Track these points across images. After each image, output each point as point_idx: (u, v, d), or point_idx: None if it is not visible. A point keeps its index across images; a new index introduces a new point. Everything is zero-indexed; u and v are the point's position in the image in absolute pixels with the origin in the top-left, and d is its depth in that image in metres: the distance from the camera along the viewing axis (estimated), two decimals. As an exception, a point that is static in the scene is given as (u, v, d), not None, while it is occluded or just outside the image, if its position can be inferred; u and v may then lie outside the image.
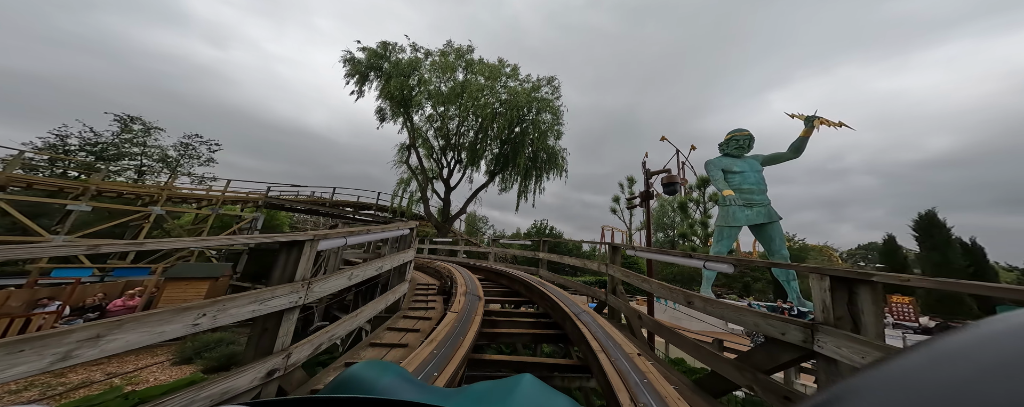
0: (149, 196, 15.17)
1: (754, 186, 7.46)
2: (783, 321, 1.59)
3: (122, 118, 22.63)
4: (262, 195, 18.90)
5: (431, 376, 1.66)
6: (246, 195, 18.33)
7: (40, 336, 0.96)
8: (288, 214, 27.10)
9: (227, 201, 17.17)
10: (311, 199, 22.13)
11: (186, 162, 25.18)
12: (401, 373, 0.47)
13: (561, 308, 3.17)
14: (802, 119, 7.36)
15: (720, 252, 7.31)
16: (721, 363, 2.07)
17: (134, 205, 14.65)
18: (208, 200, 16.66)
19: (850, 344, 1.28)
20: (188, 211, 15.89)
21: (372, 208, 21.94)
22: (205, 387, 1.38)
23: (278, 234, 1.88)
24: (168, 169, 23.69)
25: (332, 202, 20.91)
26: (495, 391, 0.42)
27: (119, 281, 11.58)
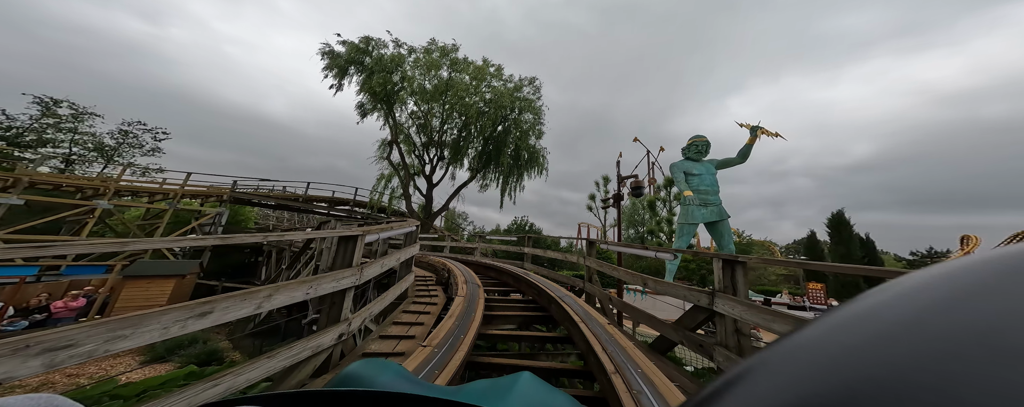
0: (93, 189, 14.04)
1: (709, 187, 8.69)
2: (698, 292, 2.42)
3: (43, 100, 20.17)
4: (227, 189, 18.04)
5: (458, 339, 2.30)
6: (207, 189, 17.39)
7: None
8: (253, 210, 25.87)
9: (186, 195, 16.20)
10: (282, 194, 21.43)
11: (127, 151, 23.10)
12: (400, 371, 0.48)
13: (547, 293, 3.91)
14: (748, 128, 8.67)
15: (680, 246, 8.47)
16: (664, 328, 2.90)
17: (74, 198, 13.52)
18: (163, 194, 15.63)
19: (731, 303, 2.11)
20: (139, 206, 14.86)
21: (349, 204, 21.64)
22: (298, 345, 1.93)
23: (343, 229, 2.42)
24: (103, 158, 21.64)
25: (305, 197, 20.42)
26: (494, 389, 0.43)
27: (63, 281, 10.88)
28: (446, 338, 2.27)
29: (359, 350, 2.46)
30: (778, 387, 0.12)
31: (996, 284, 0.12)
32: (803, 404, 0.10)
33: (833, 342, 0.12)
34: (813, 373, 0.11)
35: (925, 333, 0.11)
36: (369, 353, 2.39)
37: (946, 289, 0.13)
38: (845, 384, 0.10)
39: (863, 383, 0.10)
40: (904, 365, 0.10)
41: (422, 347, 2.07)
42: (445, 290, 4.67)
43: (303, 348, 1.92)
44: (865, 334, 0.12)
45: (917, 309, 0.12)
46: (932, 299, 0.12)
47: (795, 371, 0.12)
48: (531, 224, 22.21)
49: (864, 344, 0.12)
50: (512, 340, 3.35)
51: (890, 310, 0.13)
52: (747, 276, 2.21)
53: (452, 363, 1.88)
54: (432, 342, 2.16)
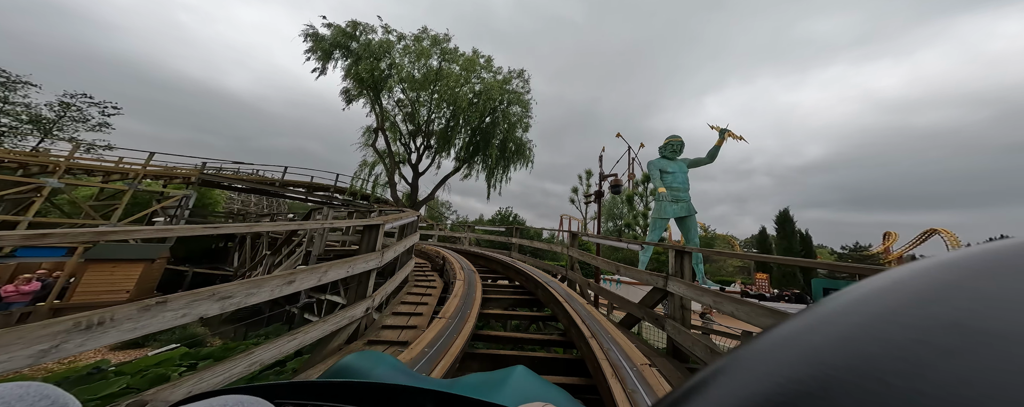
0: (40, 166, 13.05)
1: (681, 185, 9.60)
2: (657, 276, 3.06)
3: None
4: (195, 170, 17.24)
5: (466, 313, 2.81)
6: (170, 169, 16.51)
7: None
8: (222, 193, 24.71)
9: (149, 176, 15.32)
10: (256, 178, 20.74)
11: (69, 125, 21.15)
12: (395, 364, 0.48)
13: (534, 279, 4.49)
14: (718, 130, 9.58)
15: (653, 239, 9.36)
16: (631, 306, 3.56)
17: (15, 175, 12.51)
18: (121, 173, 14.71)
19: (680, 284, 2.75)
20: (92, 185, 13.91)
21: (329, 190, 21.32)
22: (336, 316, 2.36)
23: (372, 218, 2.82)
24: (40, 132, 19.73)
25: (282, 182, 19.95)
26: (489, 382, 0.44)
27: (9, 264, 10.31)
28: (456, 313, 2.77)
29: (378, 324, 2.92)
30: (758, 377, 0.12)
31: (959, 283, 0.13)
32: (780, 392, 0.11)
33: (814, 334, 0.13)
34: (792, 363, 0.12)
35: (894, 326, 0.12)
36: (388, 325, 2.86)
37: (912, 288, 0.14)
38: (820, 372, 0.11)
39: (837, 371, 0.11)
40: (873, 355, 0.11)
41: (439, 319, 2.57)
42: (441, 276, 5.15)
43: (342, 318, 2.36)
44: (839, 328, 0.13)
45: (887, 305, 0.13)
46: (901, 296, 0.14)
47: (774, 363, 0.13)
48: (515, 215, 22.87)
49: (838, 337, 0.12)
50: (506, 318, 3.91)
51: (863, 306, 0.14)
52: (691, 262, 2.87)
53: (464, 330, 2.39)
54: (445, 314, 2.66)
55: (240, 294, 1.51)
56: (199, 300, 1.32)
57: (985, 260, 0.14)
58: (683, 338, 2.60)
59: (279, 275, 1.81)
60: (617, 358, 2.26)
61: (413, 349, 1.96)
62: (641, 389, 1.80)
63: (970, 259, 0.14)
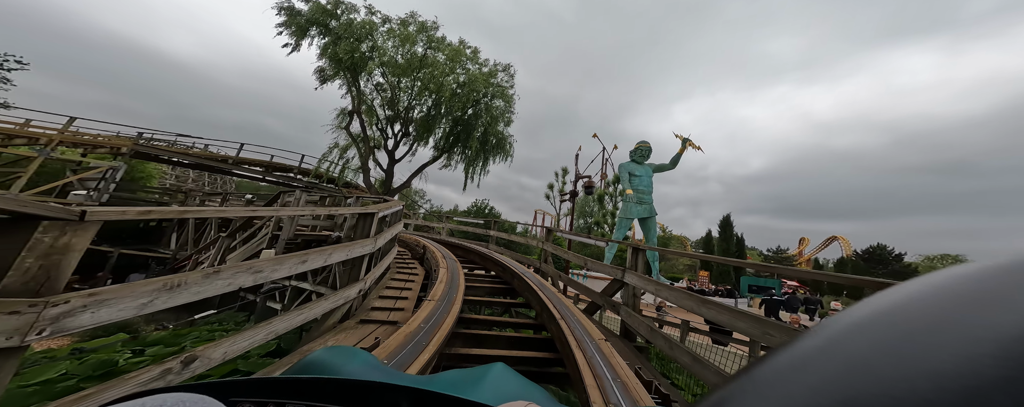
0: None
1: (646, 188, 10.49)
2: (617, 269, 3.60)
3: None
4: (127, 140, 15.61)
5: (452, 297, 3.15)
6: (94, 137, 14.73)
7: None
8: (158, 167, 22.58)
9: (66, 143, 13.47)
10: (203, 153, 19.26)
11: None
12: (368, 359, 0.45)
13: (510, 270, 4.90)
14: (681, 139, 10.55)
15: (618, 237, 10.16)
16: (594, 295, 4.10)
17: None
18: (29, 138, 12.80)
19: (634, 276, 3.31)
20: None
21: (292, 171, 20.28)
22: (333, 297, 2.60)
23: (369, 207, 3.03)
24: None
25: (237, 159, 18.70)
26: (467, 378, 0.43)
27: None
28: (443, 297, 3.11)
29: (366, 306, 3.18)
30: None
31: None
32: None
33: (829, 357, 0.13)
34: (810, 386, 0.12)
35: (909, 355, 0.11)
36: (379, 307, 3.12)
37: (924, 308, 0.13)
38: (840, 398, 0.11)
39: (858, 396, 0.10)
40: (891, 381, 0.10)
41: (429, 301, 2.88)
42: (421, 264, 5.41)
43: (338, 299, 2.61)
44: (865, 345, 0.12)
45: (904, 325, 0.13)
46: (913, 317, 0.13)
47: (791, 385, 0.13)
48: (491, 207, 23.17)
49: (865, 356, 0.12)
50: (485, 305, 4.30)
51: (892, 316, 0.13)
52: (644, 259, 3.44)
53: (453, 311, 2.74)
54: (434, 297, 2.98)
55: (268, 269, 1.75)
56: (240, 272, 1.55)
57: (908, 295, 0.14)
58: (632, 320, 3.15)
59: (294, 255, 2.04)
60: (581, 335, 2.73)
61: (411, 324, 2.28)
62: (597, 356, 2.28)
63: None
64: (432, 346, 2.04)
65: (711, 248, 27.39)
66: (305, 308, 2.25)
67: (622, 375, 2.02)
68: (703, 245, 28.86)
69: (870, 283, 2.19)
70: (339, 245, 2.52)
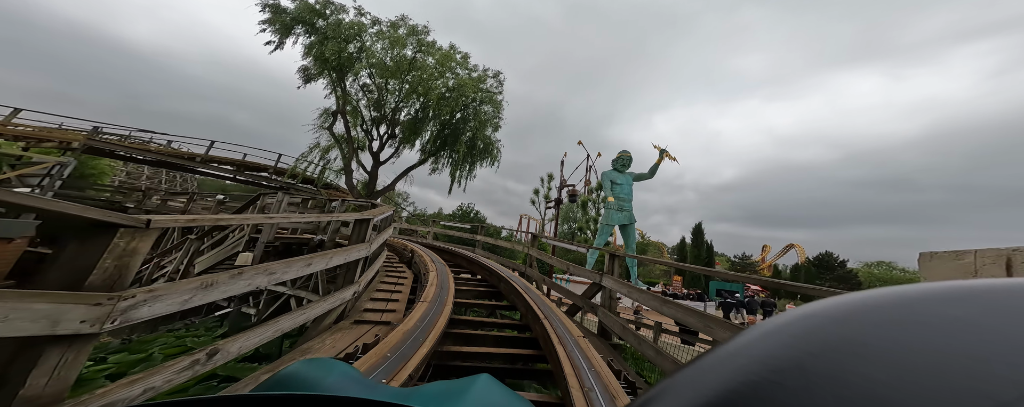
0: None
1: (627, 196, 11.05)
2: (595, 273, 3.94)
3: None
4: (79, 135, 14.81)
5: (444, 299, 3.36)
6: (38, 130, 13.82)
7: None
8: (112, 163, 21.39)
9: (6, 136, 12.54)
10: (169, 150, 18.53)
11: None
12: (348, 371, 0.45)
13: (497, 273, 5.15)
14: (659, 150, 11.22)
15: (599, 243, 10.61)
16: (575, 297, 4.42)
17: None
18: None
19: (611, 280, 3.65)
20: None
21: (267, 170, 19.75)
22: (330, 299, 2.76)
23: (364, 213, 3.21)
24: None
25: (206, 157, 18.09)
26: (451, 391, 0.42)
27: None
28: (435, 298, 3.32)
29: (359, 308, 3.34)
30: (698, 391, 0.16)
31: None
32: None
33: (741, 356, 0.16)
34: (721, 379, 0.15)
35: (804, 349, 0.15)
36: (372, 309, 3.29)
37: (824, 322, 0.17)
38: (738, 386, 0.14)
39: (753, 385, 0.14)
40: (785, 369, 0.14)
41: (421, 302, 3.09)
42: (409, 267, 5.56)
43: (335, 300, 2.78)
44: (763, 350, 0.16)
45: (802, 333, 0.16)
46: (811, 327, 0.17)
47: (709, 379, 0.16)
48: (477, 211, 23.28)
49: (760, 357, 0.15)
50: (473, 307, 4.53)
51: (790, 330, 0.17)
52: (620, 264, 3.80)
53: (445, 312, 2.96)
54: (426, 299, 3.19)
55: (280, 271, 1.93)
56: (257, 274, 1.74)
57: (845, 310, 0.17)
58: (608, 320, 3.48)
59: (299, 259, 2.22)
60: (562, 333, 3.02)
61: (407, 324, 2.49)
62: (576, 351, 2.57)
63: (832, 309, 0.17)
64: (428, 342, 2.27)
65: (685, 254, 29.69)
66: (306, 309, 2.42)
67: (596, 366, 2.32)
68: (678, 251, 31.05)
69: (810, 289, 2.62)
70: (338, 249, 2.70)
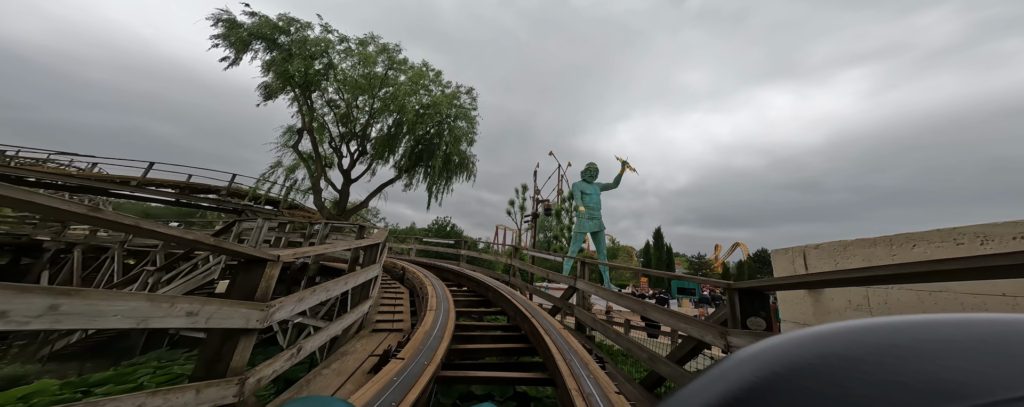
0: None
1: (595, 205, 12.28)
2: (571, 278, 4.82)
3: None
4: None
5: (447, 308, 4.03)
6: None
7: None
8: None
9: None
10: (95, 175, 17.37)
11: None
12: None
13: (484, 284, 5.86)
14: (621, 161, 12.65)
15: (573, 251, 11.65)
16: (554, 300, 5.25)
17: None
18: None
19: (583, 283, 4.56)
20: None
21: (218, 192, 18.96)
22: (351, 314, 3.34)
23: (373, 237, 3.80)
24: None
25: (144, 180, 17.15)
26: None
27: None
28: (439, 306, 3.98)
29: (371, 318, 3.91)
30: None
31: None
32: None
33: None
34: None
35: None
36: (382, 320, 3.87)
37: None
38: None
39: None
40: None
41: (429, 311, 3.74)
42: (402, 282, 6.09)
43: (357, 313, 3.37)
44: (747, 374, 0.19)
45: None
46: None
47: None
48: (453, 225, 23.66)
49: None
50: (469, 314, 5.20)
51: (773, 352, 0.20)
52: (591, 270, 4.72)
53: (451, 317, 3.65)
54: (433, 308, 3.85)
55: (334, 288, 2.56)
56: (319, 292, 2.37)
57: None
58: (582, 316, 4.36)
59: (342, 278, 2.84)
60: (547, 326, 3.82)
61: (425, 326, 3.16)
62: (559, 339, 3.38)
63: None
64: (445, 340, 2.97)
65: (648, 256, 32.90)
66: (337, 322, 3.01)
67: (576, 347, 3.14)
68: (644, 254, 34.50)
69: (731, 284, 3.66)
70: (359, 270, 3.31)
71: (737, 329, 2.12)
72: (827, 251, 2.39)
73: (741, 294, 2.11)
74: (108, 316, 1.08)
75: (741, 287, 2.14)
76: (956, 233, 1.42)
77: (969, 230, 1.40)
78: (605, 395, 2.13)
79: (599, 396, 2.11)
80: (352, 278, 3.01)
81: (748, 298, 2.12)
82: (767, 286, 2.03)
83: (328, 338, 2.61)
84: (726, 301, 2.24)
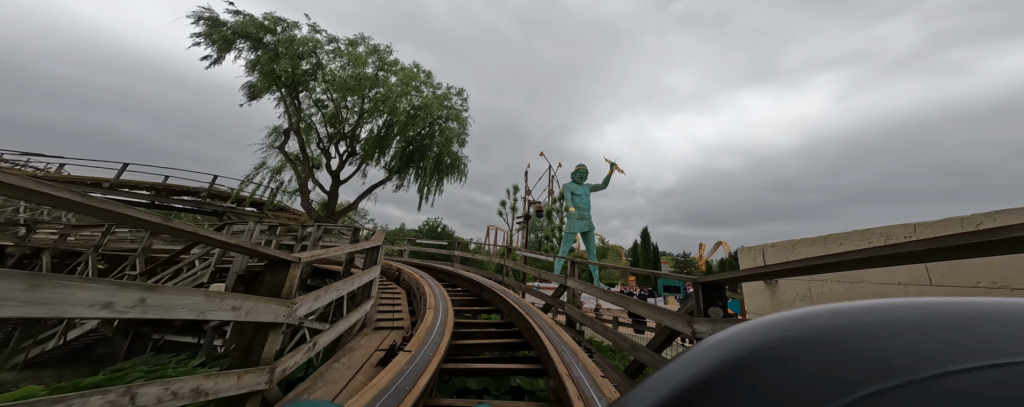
0: None
1: (585, 206, 12.68)
2: (562, 277, 5.13)
3: None
4: None
5: (445, 307, 4.26)
6: None
7: None
8: None
9: None
10: (62, 176, 16.88)
11: None
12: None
13: (479, 284, 6.11)
14: (609, 163, 13.09)
15: (564, 250, 12.02)
16: (546, 297, 5.55)
17: None
18: None
19: (573, 281, 4.88)
20: None
21: (199, 194, 18.62)
22: (355, 313, 3.55)
23: (372, 241, 4.00)
24: None
25: (115, 182, 16.78)
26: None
27: None
28: (438, 305, 4.22)
29: (372, 317, 4.11)
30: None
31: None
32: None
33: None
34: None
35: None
36: (383, 318, 4.08)
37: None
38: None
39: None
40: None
41: (429, 309, 3.97)
42: (397, 282, 6.28)
43: (360, 312, 3.57)
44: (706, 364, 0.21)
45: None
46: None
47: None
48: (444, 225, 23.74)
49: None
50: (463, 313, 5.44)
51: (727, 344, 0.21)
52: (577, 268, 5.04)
53: (450, 314, 3.89)
54: (432, 306, 4.08)
55: (343, 288, 2.78)
56: (331, 291, 2.59)
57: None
58: (573, 312, 4.67)
59: (350, 278, 3.05)
60: (540, 321, 4.11)
61: (427, 323, 3.40)
62: (552, 332, 3.67)
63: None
64: (446, 335, 3.22)
65: (636, 255, 34.19)
66: (343, 320, 3.22)
67: (566, 340, 3.44)
68: (631, 253, 35.98)
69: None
70: (362, 271, 3.52)
71: (701, 317, 2.46)
72: (780, 249, 2.76)
73: (704, 287, 2.45)
74: (178, 309, 1.30)
75: (704, 281, 2.48)
76: (868, 233, 1.78)
77: (876, 231, 1.75)
78: (592, 379, 2.43)
79: (587, 380, 2.41)
80: (358, 278, 3.23)
81: (709, 290, 2.46)
82: (722, 280, 2.37)
83: (337, 334, 2.82)
84: (693, 294, 2.56)
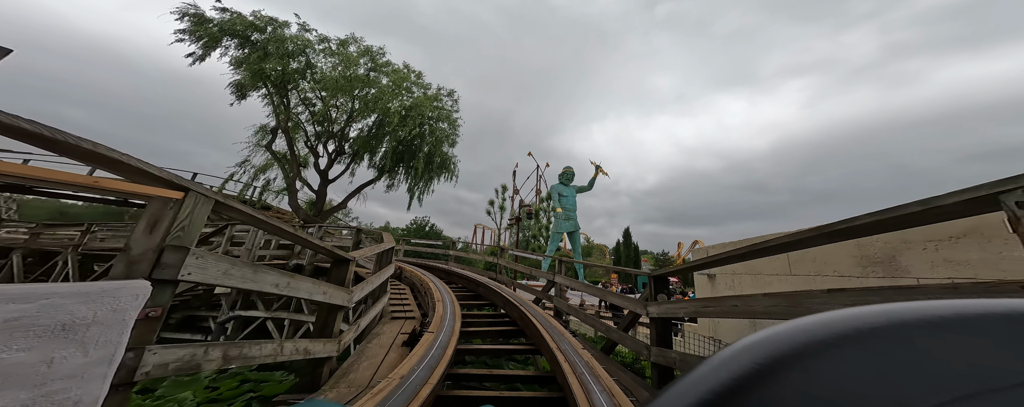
0: None
1: (572, 206, 13.59)
2: (550, 274, 5.94)
3: None
4: None
5: (453, 301, 4.98)
6: None
7: None
8: None
9: None
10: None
11: None
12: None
13: (475, 280, 6.84)
14: (594, 165, 14.04)
15: (551, 250, 12.89)
16: (536, 292, 6.35)
17: None
18: None
19: (560, 277, 5.70)
20: None
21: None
22: (376, 306, 4.22)
23: (385, 244, 4.67)
24: None
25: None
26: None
27: None
28: (443, 298, 4.93)
29: (387, 310, 4.79)
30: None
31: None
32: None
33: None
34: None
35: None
36: (396, 310, 4.76)
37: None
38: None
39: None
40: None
41: (438, 302, 4.68)
42: (400, 279, 6.93)
43: (382, 305, 4.25)
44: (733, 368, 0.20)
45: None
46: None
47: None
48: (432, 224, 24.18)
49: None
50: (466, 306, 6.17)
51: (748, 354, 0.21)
52: (562, 267, 5.86)
53: (457, 307, 4.62)
54: (440, 300, 4.79)
55: (368, 287, 3.46)
56: (365, 287, 3.28)
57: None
58: (560, 304, 5.49)
59: (375, 276, 3.73)
60: (532, 312, 4.90)
61: (438, 313, 4.11)
62: (544, 321, 4.46)
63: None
64: (458, 321, 3.95)
65: (619, 254, 36.10)
66: (368, 311, 3.89)
67: (554, 324, 4.24)
68: (615, 251, 38.05)
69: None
70: (379, 272, 4.20)
71: (653, 302, 3.32)
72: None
73: (655, 279, 3.32)
74: (300, 290, 1.99)
75: (655, 274, 3.35)
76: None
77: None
78: (575, 350, 3.23)
79: (571, 351, 3.21)
80: (381, 274, 3.91)
81: (659, 282, 3.34)
82: (666, 273, 3.25)
83: (370, 318, 3.50)
84: (648, 285, 3.43)
